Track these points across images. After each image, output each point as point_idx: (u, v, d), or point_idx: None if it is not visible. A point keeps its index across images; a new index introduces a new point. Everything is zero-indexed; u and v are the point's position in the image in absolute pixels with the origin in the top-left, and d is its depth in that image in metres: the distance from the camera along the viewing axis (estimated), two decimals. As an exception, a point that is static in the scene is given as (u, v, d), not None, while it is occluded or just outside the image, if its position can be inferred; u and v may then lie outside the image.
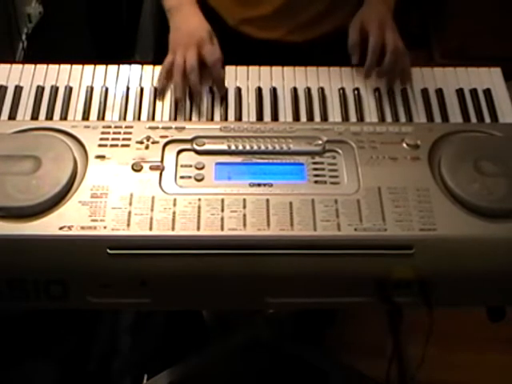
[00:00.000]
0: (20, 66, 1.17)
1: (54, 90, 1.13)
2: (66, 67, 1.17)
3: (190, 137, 1.04)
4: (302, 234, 0.92)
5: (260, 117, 1.12)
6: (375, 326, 1.55)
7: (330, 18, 1.35)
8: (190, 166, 1.00)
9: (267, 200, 0.95)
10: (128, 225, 0.92)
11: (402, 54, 1.17)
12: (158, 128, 1.04)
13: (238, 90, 1.15)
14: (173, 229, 0.92)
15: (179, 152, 1.02)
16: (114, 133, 1.03)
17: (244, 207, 0.94)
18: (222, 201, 0.95)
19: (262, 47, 1.32)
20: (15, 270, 0.92)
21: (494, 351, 1.69)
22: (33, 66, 1.16)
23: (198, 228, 0.92)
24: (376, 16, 1.20)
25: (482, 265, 0.94)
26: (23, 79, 1.14)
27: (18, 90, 1.13)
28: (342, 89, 1.16)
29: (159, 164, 1.00)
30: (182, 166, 1.00)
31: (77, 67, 1.17)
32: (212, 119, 1.11)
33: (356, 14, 1.23)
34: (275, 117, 1.12)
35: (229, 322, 1.59)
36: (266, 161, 1.02)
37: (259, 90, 1.15)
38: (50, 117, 1.10)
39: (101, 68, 1.17)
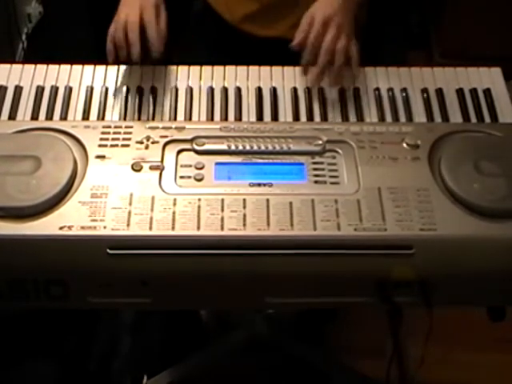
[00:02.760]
0: (20, 66, 1.17)
1: (54, 90, 1.13)
2: (66, 67, 1.17)
3: (189, 137, 1.04)
4: (302, 234, 0.92)
5: (260, 117, 1.12)
6: (375, 326, 1.54)
7: None
8: (190, 165, 1.00)
9: (267, 200, 0.95)
10: (128, 225, 0.92)
11: (339, 53, 1.13)
12: (157, 128, 1.05)
13: (238, 90, 1.15)
14: (173, 229, 0.92)
15: (179, 152, 1.02)
16: (114, 133, 1.03)
17: (244, 207, 0.94)
18: (222, 201, 0.95)
19: (264, 46, 1.32)
20: (15, 270, 0.92)
21: (494, 351, 1.69)
22: (33, 66, 1.16)
23: (198, 228, 0.92)
24: (324, 11, 1.15)
25: (482, 265, 0.94)
26: (23, 79, 1.14)
27: (18, 90, 1.13)
28: (342, 89, 1.16)
29: (159, 164, 1.00)
30: (181, 165, 1.00)
31: (77, 67, 1.17)
32: (212, 119, 1.11)
33: (313, 3, 1.19)
34: (275, 117, 1.12)
35: (229, 322, 1.59)
36: (265, 161, 1.02)
37: (259, 90, 1.15)
38: (49, 117, 1.10)
39: (101, 68, 1.17)
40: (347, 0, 1.18)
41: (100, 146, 1.01)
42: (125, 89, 1.14)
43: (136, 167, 0.99)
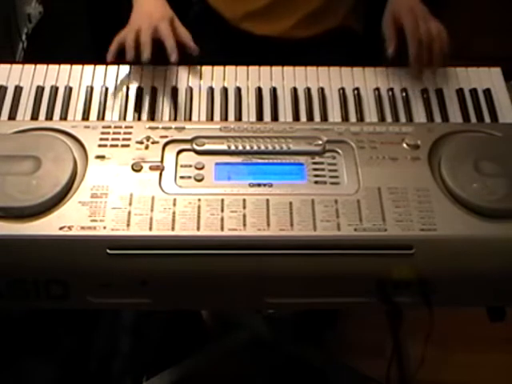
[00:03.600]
0: (20, 66, 1.17)
1: (54, 90, 1.13)
2: (65, 67, 1.17)
3: (189, 137, 1.04)
4: (302, 234, 0.92)
5: (260, 117, 1.12)
6: (375, 326, 1.54)
7: (332, 13, 1.35)
8: (190, 166, 1.00)
9: (267, 200, 0.95)
10: (128, 225, 0.92)
11: (437, 36, 1.17)
12: (157, 128, 1.04)
13: (238, 90, 1.15)
14: (173, 229, 0.92)
15: (179, 152, 1.02)
16: (114, 133, 1.03)
17: (244, 207, 0.94)
18: (222, 201, 0.95)
19: (265, 45, 1.32)
20: (15, 270, 0.92)
21: (494, 351, 1.69)
22: (33, 66, 1.16)
23: (198, 228, 0.92)
24: (406, 5, 1.19)
25: (482, 265, 0.94)
26: (23, 79, 1.14)
27: (18, 90, 1.13)
28: (342, 89, 1.16)
29: (159, 164, 1.00)
30: (181, 166, 1.00)
31: (77, 67, 1.17)
32: (212, 119, 1.12)
33: (386, 8, 1.22)
34: (275, 117, 1.12)
35: (229, 322, 1.59)
36: (265, 161, 1.02)
37: (259, 90, 1.15)
38: (49, 117, 1.10)
39: (101, 68, 1.17)
40: None
41: (100, 146, 1.01)
42: (125, 89, 1.14)
43: (136, 167, 0.99)
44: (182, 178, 0.99)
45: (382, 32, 1.20)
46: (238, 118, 1.12)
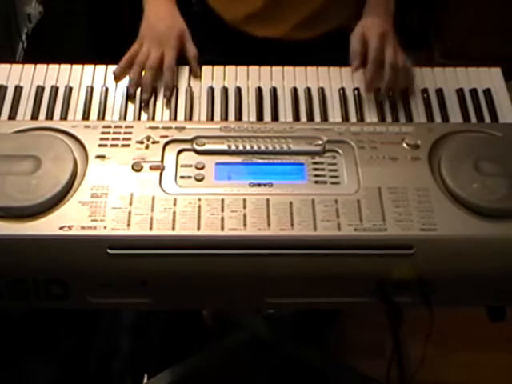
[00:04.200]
0: (20, 66, 1.17)
1: (54, 90, 1.13)
2: (66, 67, 1.17)
3: (190, 137, 1.04)
4: (302, 234, 0.92)
5: (260, 117, 1.12)
6: (375, 326, 1.54)
7: (333, 15, 1.35)
8: (190, 165, 1.00)
9: (267, 200, 0.95)
10: (128, 225, 0.92)
11: (401, 69, 1.16)
12: (158, 128, 1.04)
13: (238, 90, 1.15)
14: (173, 229, 0.92)
15: (179, 152, 1.02)
16: (114, 133, 1.03)
17: (244, 207, 0.94)
18: (222, 201, 0.95)
19: (265, 47, 1.32)
20: (15, 270, 0.92)
21: (494, 351, 1.69)
22: (33, 66, 1.16)
23: (198, 228, 0.92)
24: (377, 29, 1.19)
25: (482, 265, 0.94)
26: (23, 79, 1.14)
27: (18, 90, 1.13)
28: (342, 89, 1.16)
29: (159, 164, 1.00)
30: (182, 165, 1.00)
31: (77, 67, 1.17)
32: (212, 119, 1.11)
33: (358, 24, 1.23)
34: (275, 117, 1.12)
35: (229, 322, 1.59)
36: (266, 161, 1.02)
37: (259, 90, 1.15)
38: (50, 117, 1.10)
39: (101, 68, 1.17)
40: (390, 16, 1.23)
41: (100, 145, 1.01)
42: (125, 89, 1.14)
43: (136, 167, 0.99)
44: (182, 177, 0.99)
45: (350, 43, 1.20)
46: (238, 117, 1.12)
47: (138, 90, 1.14)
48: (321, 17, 1.34)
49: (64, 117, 1.10)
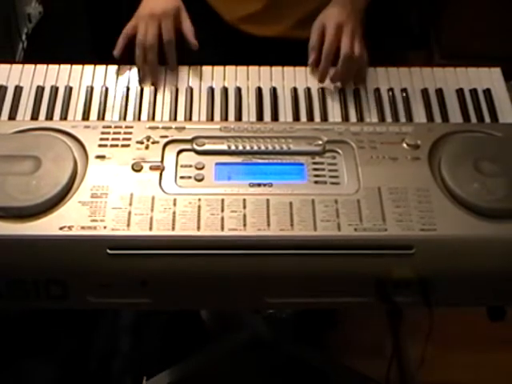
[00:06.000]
0: (20, 66, 1.17)
1: (54, 90, 1.13)
2: (66, 67, 1.17)
3: (190, 137, 1.04)
4: (302, 234, 0.92)
5: (260, 117, 1.12)
6: (375, 326, 1.54)
7: None
8: (190, 166, 1.00)
9: (267, 200, 0.95)
10: (128, 225, 0.92)
11: (356, 59, 1.15)
12: (158, 128, 1.04)
13: (238, 90, 1.15)
14: (173, 229, 0.92)
15: (179, 152, 1.02)
16: (114, 133, 1.03)
17: (244, 207, 0.94)
18: (222, 201, 0.95)
19: (265, 46, 1.32)
20: (15, 270, 0.92)
21: (494, 351, 1.69)
22: (33, 66, 1.16)
23: (198, 228, 0.92)
24: (336, 18, 1.17)
25: (482, 265, 0.94)
26: (23, 79, 1.14)
27: (18, 90, 1.13)
28: (342, 89, 1.16)
29: (159, 164, 1.00)
30: (182, 166, 1.00)
31: (77, 67, 1.17)
32: (212, 119, 1.11)
33: (319, 15, 1.21)
34: (275, 117, 1.12)
35: (229, 322, 1.59)
36: (265, 161, 1.02)
37: (259, 90, 1.15)
38: (49, 117, 1.10)
39: (101, 68, 1.17)
40: (355, 6, 1.20)
41: (100, 146, 1.01)
42: (125, 89, 1.14)
43: (136, 167, 0.99)
44: (182, 177, 0.99)
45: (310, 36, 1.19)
46: (238, 118, 1.12)
47: (137, 90, 1.14)
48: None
49: (64, 117, 1.10)
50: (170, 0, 1.21)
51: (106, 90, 1.14)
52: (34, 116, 1.10)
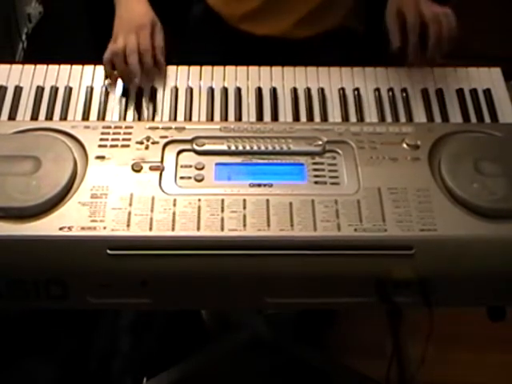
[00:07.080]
0: (20, 66, 1.17)
1: (54, 90, 1.13)
2: (66, 67, 1.17)
3: (189, 137, 1.04)
4: (302, 235, 0.92)
5: (260, 117, 1.12)
6: (375, 326, 1.54)
7: (332, 13, 1.35)
8: (190, 166, 1.00)
9: (267, 200, 0.95)
10: (128, 225, 0.92)
11: (442, 19, 1.14)
12: (157, 128, 1.04)
13: (238, 90, 1.15)
14: (173, 229, 0.92)
15: (179, 152, 1.02)
16: (114, 133, 1.03)
17: (244, 208, 0.94)
18: (222, 201, 0.95)
19: (264, 45, 1.32)
20: (15, 270, 0.92)
21: (494, 351, 1.69)
22: (33, 66, 1.16)
23: (198, 228, 0.92)
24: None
25: (482, 265, 0.94)
26: (23, 79, 1.14)
27: (18, 90, 1.13)
28: (342, 89, 1.16)
29: (159, 164, 1.00)
30: (181, 166, 1.00)
31: (77, 67, 1.17)
32: (212, 119, 1.11)
33: (389, 2, 1.20)
34: (275, 117, 1.12)
35: (229, 323, 1.59)
36: (265, 161, 1.02)
37: (259, 90, 1.15)
38: (49, 117, 1.10)
39: (101, 68, 1.17)
40: None
41: (100, 146, 1.01)
42: (125, 89, 1.14)
43: (136, 168, 0.99)
44: (182, 178, 0.99)
45: (386, 27, 1.19)
46: (238, 118, 1.12)
47: (137, 89, 1.14)
48: (320, 15, 1.34)
49: (64, 117, 1.10)
50: (146, 13, 1.21)
51: (106, 90, 1.14)
52: (34, 116, 1.10)
